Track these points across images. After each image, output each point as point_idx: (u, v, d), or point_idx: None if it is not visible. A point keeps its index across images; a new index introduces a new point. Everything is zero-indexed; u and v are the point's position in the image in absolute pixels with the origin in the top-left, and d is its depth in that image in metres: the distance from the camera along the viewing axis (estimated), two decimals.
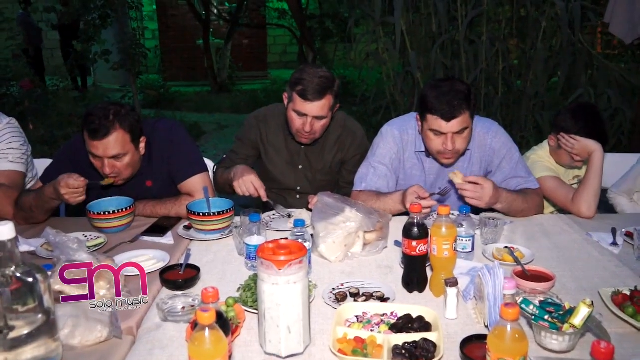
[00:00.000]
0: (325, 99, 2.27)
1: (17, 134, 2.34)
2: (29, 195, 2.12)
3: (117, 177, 2.12)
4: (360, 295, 1.57)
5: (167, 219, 2.17)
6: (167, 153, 2.25)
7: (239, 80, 11.67)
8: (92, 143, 2.04)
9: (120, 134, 2.04)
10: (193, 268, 1.70)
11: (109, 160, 2.06)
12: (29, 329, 1.21)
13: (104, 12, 7.75)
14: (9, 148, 2.27)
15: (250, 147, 2.55)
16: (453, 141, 2.08)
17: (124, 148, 2.07)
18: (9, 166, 2.25)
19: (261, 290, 1.29)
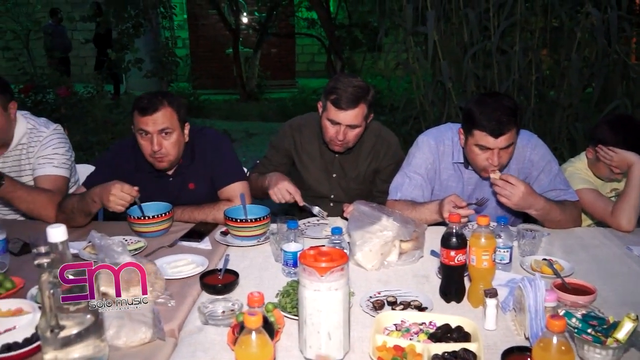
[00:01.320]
0: (358, 108, 2.29)
1: (62, 140, 2.41)
2: (72, 199, 2.18)
3: (164, 158, 2.19)
4: (398, 304, 1.57)
5: (204, 224, 2.21)
6: (212, 158, 2.33)
7: (267, 89, 11.78)
8: (142, 120, 2.13)
9: (168, 110, 2.15)
10: (232, 273, 1.73)
11: (158, 136, 2.15)
12: (78, 328, 1.25)
13: (137, 21, 7.93)
14: (55, 153, 2.34)
15: (284, 155, 2.58)
16: (499, 156, 2.08)
17: (172, 124, 2.17)
18: (54, 171, 2.32)
19: (303, 296, 1.31)
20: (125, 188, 2.02)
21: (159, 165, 2.22)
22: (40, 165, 2.32)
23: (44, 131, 2.38)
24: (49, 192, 2.24)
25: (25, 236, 2.05)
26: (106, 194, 2.02)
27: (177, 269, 1.79)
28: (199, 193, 2.33)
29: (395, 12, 5.16)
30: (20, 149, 2.37)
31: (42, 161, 2.33)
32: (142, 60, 7.70)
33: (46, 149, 2.35)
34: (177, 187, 2.33)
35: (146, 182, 2.28)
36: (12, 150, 2.37)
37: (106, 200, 2.03)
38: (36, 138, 2.37)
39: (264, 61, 11.74)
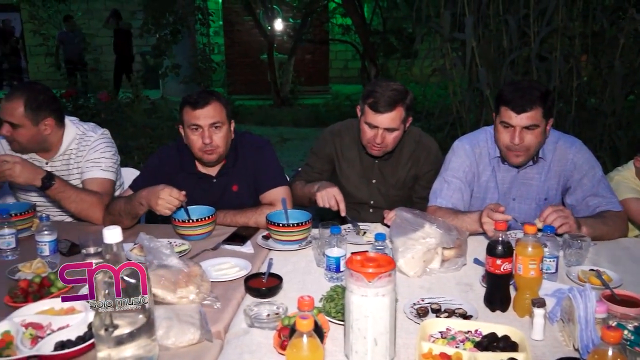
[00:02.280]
0: (396, 111, 2.30)
1: (109, 144, 2.48)
2: (119, 201, 2.24)
3: (214, 151, 2.26)
4: (442, 312, 1.57)
5: (246, 228, 2.24)
6: (255, 162, 2.38)
7: (300, 95, 11.85)
8: (193, 114, 2.21)
9: (218, 105, 2.25)
10: (275, 277, 1.75)
11: (209, 129, 2.22)
12: (130, 328, 1.28)
13: (174, 28, 8.09)
14: (102, 157, 2.41)
15: (325, 162, 2.60)
16: (522, 136, 2.09)
17: (222, 118, 2.25)
18: (101, 174, 2.38)
19: (349, 301, 1.31)
20: (174, 192, 2.06)
21: (208, 158, 2.28)
22: (88, 168, 2.39)
23: (92, 136, 2.45)
24: (97, 194, 2.31)
25: (73, 237, 2.11)
26: (154, 198, 2.07)
27: (221, 272, 1.82)
28: (241, 195, 2.37)
29: (431, 18, 5.14)
30: (69, 154, 2.45)
31: (90, 165, 2.40)
32: (179, 66, 7.85)
33: (94, 152, 2.42)
34: (221, 188, 2.37)
35: (190, 184, 2.34)
36: (61, 155, 2.44)
37: (154, 203, 2.07)
38: (85, 143, 2.44)
39: (298, 67, 11.82)
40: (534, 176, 2.29)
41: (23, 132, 2.31)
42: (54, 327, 1.47)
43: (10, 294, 1.62)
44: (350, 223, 2.33)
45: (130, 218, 2.23)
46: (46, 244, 1.93)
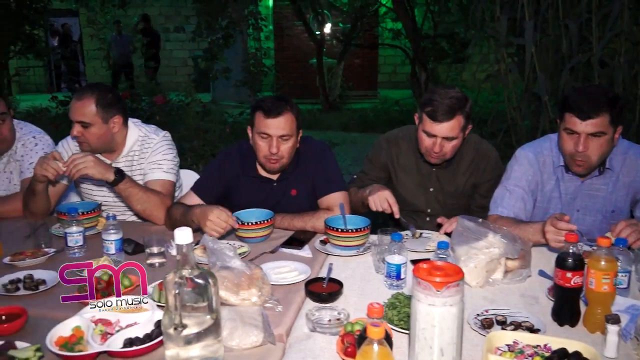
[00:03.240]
0: (454, 120, 2.25)
1: (170, 146, 2.54)
2: (178, 209, 2.26)
3: (278, 161, 2.28)
4: (508, 324, 1.53)
5: (303, 232, 2.25)
6: (314, 166, 2.38)
7: (348, 99, 11.85)
8: (265, 122, 2.23)
9: (290, 116, 2.26)
10: (335, 282, 1.75)
11: (278, 140, 2.24)
12: (198, 328, 1.30)
13: (227, 32, 8.22)
14: (164, 159, 2.47)
15: (381, 169, 2.58)
16: (586, 144, 2.02)
17: (291, 130, 2.26)
18: (163, 175, 2.44)
19: (416, 310, 1.29)
20: (223, 215, 2.03)
21: (271, 166, 2.31)
22: (150, 170, 2.45)
23: (154, 138, 2.52)
24: (160, 194, 2.36)
25: (135, 236, 2.17)
26: (204, 219, 2.04)
27: (281, 275, 1.83)
28: (300, 200, 2.38)
29: (486, 22, 5.06)
30: (132, 155, 2.51)
31: (152, 166, 2.46)
32: (230, 70, 7.97)
33: (156, 154, 2.47)
34: (280, 192, 2.39)
35: (251, 186, 2.37)
36: (124, 156, 2.51)
37: (203, 224, 2.04)
38: (147, 145, 2.50)
39: (346, 71, 11.83)
40: (600, 187, 2.21)
41: (94, 130, 2.38)
42: (122, 324, 1.51)
43: (79, 290, 1.67)
44: (405, 225, 2.31)
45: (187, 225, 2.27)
46: (112, 243, 1.99)
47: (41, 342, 1.40)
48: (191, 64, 13.64)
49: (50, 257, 2.03)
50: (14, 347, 1.36)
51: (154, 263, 1.96)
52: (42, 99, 10.25)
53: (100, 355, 1.40)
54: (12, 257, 1.97)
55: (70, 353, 1.36)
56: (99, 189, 2.56)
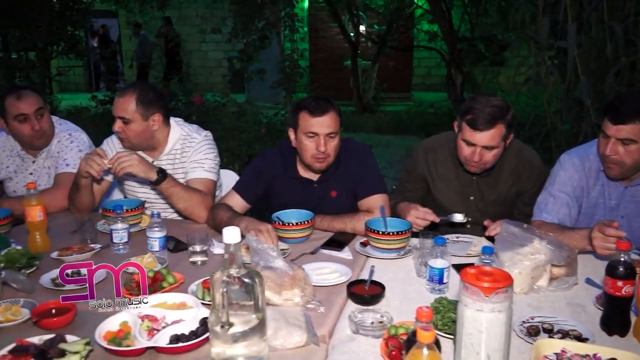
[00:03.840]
0: (495, 129, 2.18)
1: (212, 146, 2.57)
2: (222, 213, 2.28)
3: (324, 160, 2.29)
4: (555, 332, 1.50)
5: (343, 234, 2.25)
6: (355, 168, 2.38)
7: (382, 101, 11.80)
8: (311, 121, 2.25)
9: (334, 114, 2.28)
10: (377, 285, 1.74)
11: (325, 138, 2.25)
12: (244, 327, 1.31)
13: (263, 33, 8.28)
14: (206, 158, 2.50)
15: (419, 180, 2.52)
16: (614, 149, 2.01)
17: (337, 127, 2.28)
18: (204, 174, 2.47)
19: (463, 315, 1.28)
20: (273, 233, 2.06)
21: (319, 166, 2.32)
22: (192, 169, 2.49)
23: (196, 137, 2.55)
24: (202, 193, 2.40)
25: (177, 234, 2.20)
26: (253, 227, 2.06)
27: (322, 276, 1.84)
28: (340, 201, 2.39)
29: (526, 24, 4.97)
30: (174, 154, 2.55)
31: (194, 165, 2.49)
32: (265, 71, 8.02)
33: (198, 154, 2.51)
34: (320, 193, 2.40)
35: (291, 187, 2.38)
36: (166, 154, 2.55)
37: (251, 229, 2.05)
38: (189, 144, 2.53)
39: (380, 73, 11.78)
40: None
41: (133, 127, 2.43)
42: (168, 320, 1.53)
43: (126, 286, 1.71)
44: (451, 219, 2.27)
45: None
46: (156, 240, 2.02)
47: (89, 336, 1.43)
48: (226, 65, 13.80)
49: (96, 252, 2.07)
50: (64, 341, 1.40)
51: (197, 261, 1.99)
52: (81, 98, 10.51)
53: (147, 351, 1.42)
54: (60, 252, 2.03)
55: (119, 347, 1.39)
56: (141, 186, 2.60)
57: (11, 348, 1.36)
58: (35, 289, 1.75)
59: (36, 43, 8.04)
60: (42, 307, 1.57)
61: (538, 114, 5.47)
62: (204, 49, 14.30)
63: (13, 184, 2.81)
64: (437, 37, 10.10)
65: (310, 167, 2.38)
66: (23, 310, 1.59)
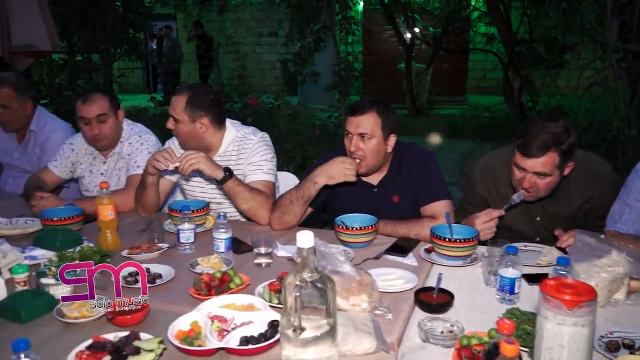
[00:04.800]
0: (546, 157, 2.06)
1: (269, 147, 2.59)
2: (286, 193, 2.36)
3: (361, 161, 2.27)
4: (637, 349, 1.43)
5: (406, 239, 2.22)
6: (418, 174, 2.34)
7: (436, 105, 11.65)
8: (349, 119, 2.28)
9: (373, 116, 2.25)
10: (445, 292, 1.71)
11: (357, 137, 2.25)
12: (316, 332, 1.30)
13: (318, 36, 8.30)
14: (264, 160, 2.52)
15: (479, 201, 2.40)
16: None
17: (372, 131, 2.25)
18: (264, 177, 2.50)
19: (542, 328, 1.23)
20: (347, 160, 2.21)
21: None
22: (251, 171, 2.51)
23: (252, 139, 2.57)
24: (265, 194, 2.42)
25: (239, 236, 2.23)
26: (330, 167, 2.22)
27: (388, 282, 1.81)
28: (401, 207, 2.36)
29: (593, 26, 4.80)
30: (229, 155, 2.58)
31: (253, 167, 2.52)
32: (319, 74, 8.03)
33: (255, 155, 2.53)
34: (381, 198, 2.38)
35: (351, 191, 2.37)
36: (221, 155, 2.58)
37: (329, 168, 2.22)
38: (245, 146, 2.56)
39: (434, 76, 11.64)
40: None
41: (181, 126, 2.49)
42: (237, 321, 1.54)
43: (195, 286, 1.73)
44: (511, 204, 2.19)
45: (302, 203, 2.31)
46: (222, 241, 2.04)
47: (159, 334, 1.46)
48: (279, 67, 13.94)
49: (164, 252, 2.12)
50: (138, 338, 1.43)
51: (261, 263, 2.00)
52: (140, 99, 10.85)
53: (218, 351, 1.43)
54: (130, 251, 2.08)
55: (191, 347, 1.41)
56: (201, 189, 2.65)
57: (88, 344, 1.40)
58: (108, 286, 1.80)
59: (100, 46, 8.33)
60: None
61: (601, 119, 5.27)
62: (257, 51, 14.50)
63: (86, 182, 2.92)
64: (495, 39, 9.88)
65: None
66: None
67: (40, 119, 3.24)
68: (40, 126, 3.23)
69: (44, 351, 1.40)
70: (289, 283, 1.30)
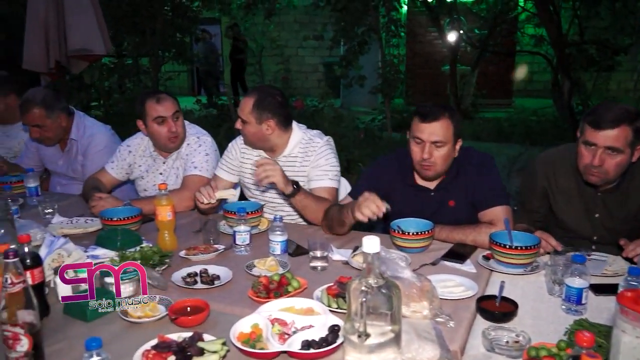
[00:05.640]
0: (620, 129, 2.03)
1: (333, 151, 2.61)
2: (335, 207, 2.32)
3: (430, 167, 2.24)
4: None
5: (463, 246, 2.17)
6: (476, 178, 2.29)
7: (481, 108, 11.45)
8: (419, 126, 2.21)
9: (446, 123, 2.20)
10: (508, 301, 1.66)
11: (430, 146, 2.19)
12: (380, 338, 1.29)
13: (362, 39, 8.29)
14: (330, 165, 2.54)
15: (539, 196, 2.39)
16: None
17: (446, 137, 2.20)
18: (330, 183, 2.53)
19: (620, 341, 1.18)
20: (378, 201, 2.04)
21: (425, 173, 2.27)
22: (317, 176, 2.54)
23: (318, 142, 2.58)
24: (328, 201, 2.43)
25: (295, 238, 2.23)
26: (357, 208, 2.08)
27: (447, 289, 1.78)
28: (458, 211, 2.31)
29: None
30: (294, 157, 2.60)
31: (319, 173, 2.54)
32: (365, 78, 8.02)
33: (320, 159, 2.54)
34: (437, 202, 2.34)
35: (408, 195, 2.34)
36: (286, 156, 2.60)
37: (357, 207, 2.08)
38: (312, 149, 2.57)
39: (479, 79, 11.45)
40: None
41: (248, 127, 2.54)
42: (298, 325, 1.54)
43: (253, 288, 1.74)
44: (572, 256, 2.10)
45: (339, 225, 2.30)
46: (278, 244, 2.05)
47: (220, 335, 1.47)
48: (321, 70, 13.96)
49: (220, 253, 2.13)
50: (201, 339, 1.44)
51: (317, 266, 1.99)
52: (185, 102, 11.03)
53: (280, 355, 1.43)
54: (187, 251, 2.11)
55: (254, 350, 1.42)
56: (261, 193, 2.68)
57: (154, 344, 1.42)
58: (168, 286, 1.83)
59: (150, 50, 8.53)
60: (178, 305, 1.63)
61: None
62: (300, 54, 14.56)
63: (144, 182, 2.98)
64: (544, 41, 9.64)
65: (419, 174, 2.34)
66: (159, 307, 1.66)
67: (80, 126, 3.26)
68: (80, 134, 3.25)
69: (110, 349, 1.42)
70: (354, 288, 1.29)
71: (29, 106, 3.05)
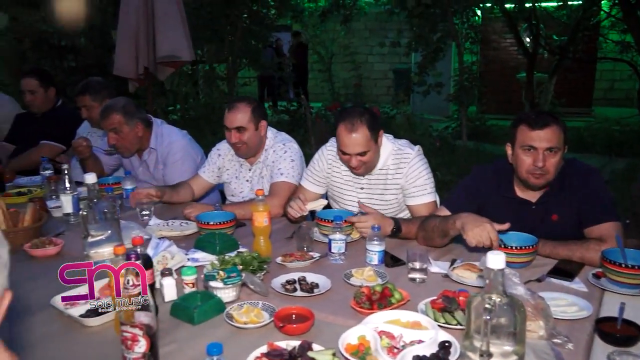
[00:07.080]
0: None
1: (425, 161, 2.59)
2: (435, 219, 2.25)
3: (541, 177, 2.16)
4: None
5: (569, 262, 2.06)
6: (582, 192, 2.18)
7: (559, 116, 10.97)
8: (529, 134, 2.14)
9: (557, 129, 2.14)
10: (629, 324, 1.56)
11: (544, 153, 2.12)
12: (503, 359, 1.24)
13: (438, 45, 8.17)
14: (425, 178, 2.55)
15: None
16: None
17: (559, 143, 2.14)
18: (429, 198, 2.55)
19: None
20: (493, 234, 1.95)
21: (535, 182, 2.18)
22: (416, 193, 2.54)
23: (410, 152, 2.54)
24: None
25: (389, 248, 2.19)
26: (472, 225, 1.99)
27: (560, 308, 1.69)
28: (561, 226, 2.20)
29: None
30: (387, 169, 2.56)
31: (416, 189, 2.53)
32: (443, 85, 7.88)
33: (414, 171, 2.52)
34: (539, 216, 2.24)
35: (506, 208, 2.26)
36: (380, 169, 2.57)
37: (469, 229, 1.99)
38: (404, 160, 2.53)
39: (557, 87, 11.00)
40: None
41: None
42: (406, 339, 1.50)
43: (356, 298, 1.71)
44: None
45: (440, 236, 2.22)
46: (376, 254, 2.02)
47: (326, 345, 1.45)
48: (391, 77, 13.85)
49: (315, 261, 2.12)
50: (311, 349, 1.42)
51: (415, 278, 1.95)
52: None
53: None
54: (283, 258, 2.11)
55: None
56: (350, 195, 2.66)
57: (265, 351, 1.42)
58: (269, 292, 1.83)
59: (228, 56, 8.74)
60: (283, 312, 1.63)
61: None
62: (370, 61, 14.51)
63: (231, 188, 3.02)
64: (631, 47, 9.17)
65: (526, 183, 2.23)
66: (264, 313, 1.67)
67: (158, 135, 3.27)
68: (158, 142, 3.25)
69: None
70: (475, 305, 1.24)
71: (109, 111, 3.12)
